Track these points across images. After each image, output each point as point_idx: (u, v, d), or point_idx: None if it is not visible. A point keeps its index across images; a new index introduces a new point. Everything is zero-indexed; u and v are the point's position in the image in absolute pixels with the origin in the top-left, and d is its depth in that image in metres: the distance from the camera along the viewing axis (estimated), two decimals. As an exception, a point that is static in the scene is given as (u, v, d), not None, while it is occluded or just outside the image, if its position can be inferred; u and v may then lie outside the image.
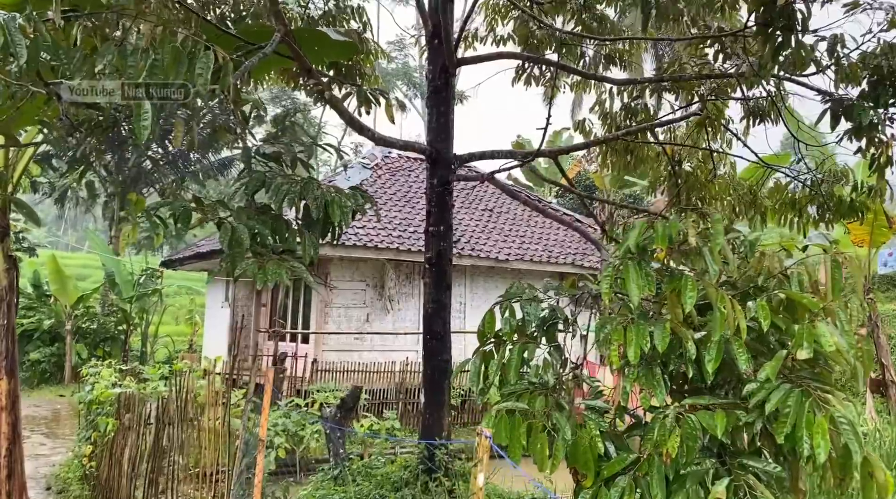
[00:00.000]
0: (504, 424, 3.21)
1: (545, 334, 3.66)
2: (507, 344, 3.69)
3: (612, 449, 3.23)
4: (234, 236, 3.01)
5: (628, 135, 6.78)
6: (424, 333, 6.91)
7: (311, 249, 3.28)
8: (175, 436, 5.62)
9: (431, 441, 6.31)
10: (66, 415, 16.41)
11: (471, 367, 3.64)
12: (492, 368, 3.50)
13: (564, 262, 17.19)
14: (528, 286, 3.89)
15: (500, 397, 3.57)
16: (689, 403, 2.94)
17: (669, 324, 2.97)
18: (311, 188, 3.26)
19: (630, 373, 3.00)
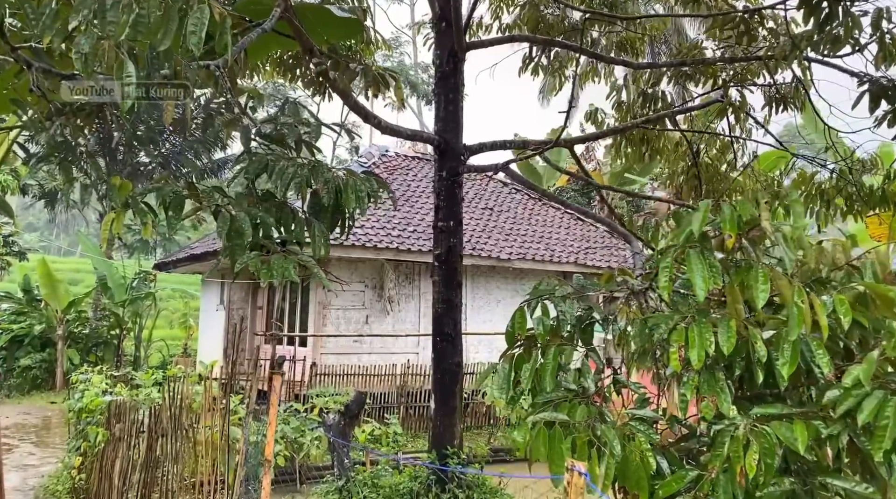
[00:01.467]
0: (543, 437, 2.83)
1: (582, 335, 3.27)
2: (540, 347, 3.31)
3: (665, 465, 2.85)
4: (233, 226, 2.62)
5: (648, 123, 6.41)
6: (434, 335, 6.52)
7: (321, 241, 2.89)
8: (169, 447, 5.21)
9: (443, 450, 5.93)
10: (57, 423, 15.94)
11: (499, 372, 3.26)
12: (524, 374, 3.11)
13: (567, 261, 16.83)
14: (559, 282, 3.50)
15: (533, 406, 3.19)
16: (759, 412, 2.56)
17: (734, 322, 2.59)
18: (320, 172, 2.86)
19: (690, 379, 2.61)
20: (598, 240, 18.49)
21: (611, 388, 3.13)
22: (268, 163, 2.84)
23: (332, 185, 2.83)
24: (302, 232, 2.88)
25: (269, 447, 4.46)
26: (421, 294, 15.81)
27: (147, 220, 2.77)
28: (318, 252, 2.87)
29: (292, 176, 2.78)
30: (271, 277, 2.71)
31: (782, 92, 6.37)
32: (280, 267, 2.69)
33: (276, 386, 4.22)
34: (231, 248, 2.77)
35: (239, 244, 2.76)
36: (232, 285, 18.46)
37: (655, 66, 6.39)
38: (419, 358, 15.31)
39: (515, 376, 3.30)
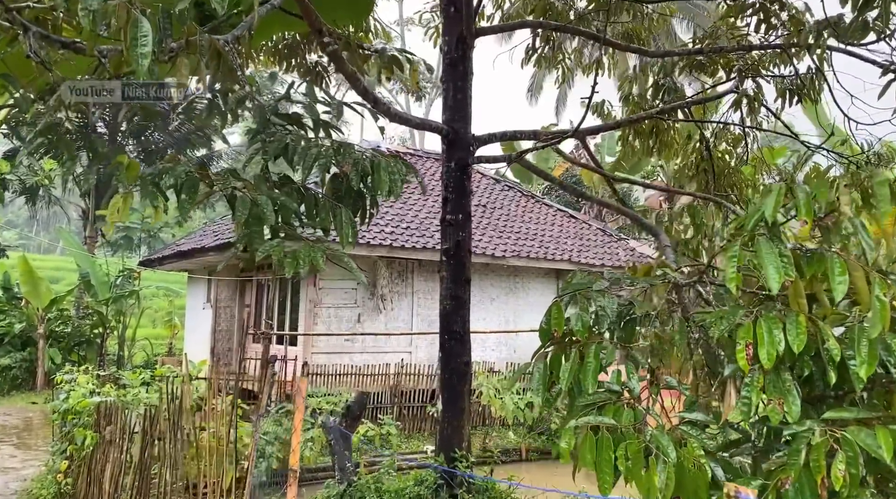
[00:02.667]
0: (590, 443, 2.59)
1: (623, 332, 3.04)
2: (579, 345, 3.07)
3: (720, 473, 2.63)
4: (253, 211, 2.35)
5: (662, 113, 6.20)
6: (441, 333, 6.27)
7: (348, 228, 2.63)
8: (167, 452, 4.92)
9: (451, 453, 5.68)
10: (39, 424, 15.51)
11: (534, 372, 3.02)
12: (563, 374, 2.88)
13: (562, 258, 16.65)
14: (591, 274, 3.27)
15: (572, 409, 2.96)
16: (832, 417, 2.34)
17: (803, 318, 2.37)
18: (348, 152, 2.59)
19: (754, 379, 2.39)
20: (592, 238, 18.34)
21: (657, 390, 2.90)
22: (287, 143, 2.56)
23: (362, 167, 2.56)
24: (328, 218, 2.61)
25: (295, 456, 4.17)
26: (414, 292, 15.56)
27: (158, 203, 2.49)
28: (345, 240, 2.61)
29: (315, 157, 2.50)
30: (297, 267, 2.45)
31: (798, 83, 6.19)
32: (307, 256, 2.41)
33: (302, 388, 3.88)
34: (249, 235, 2.50)
35: (258, 232, 2.48)
36: (219, 283, 18.09)
37: (672, 55, 6.19)
38: (412, 357, 15.07)
39: (551, 377, 3.06)
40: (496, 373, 14.62)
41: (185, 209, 2.41)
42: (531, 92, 33.67)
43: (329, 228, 2.61)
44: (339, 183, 2.71)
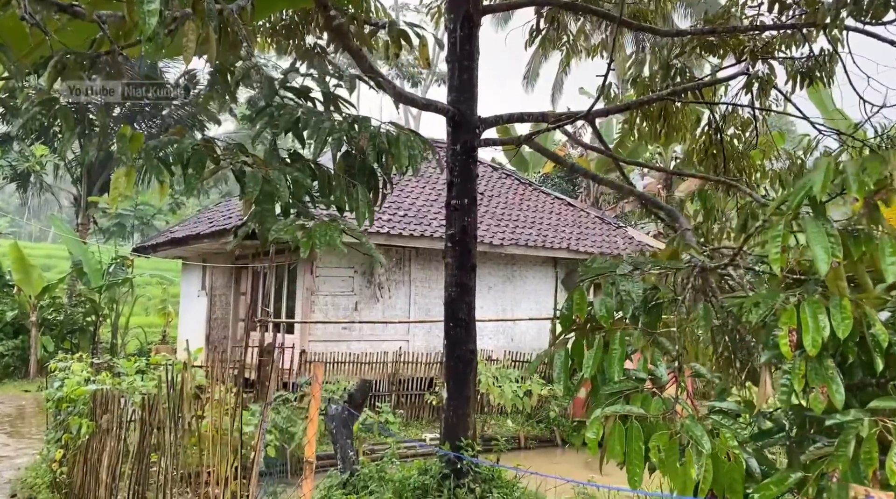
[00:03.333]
0: (619, 434, 2.47)
1: (648, 318, 2.91)
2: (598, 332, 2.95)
3: (755, 464, 2.51)
4: (264, 188, 2.19)
5: (674, 94, 6.05)
6: (446, 321, 6.14)
7: (365, 207, 2.48)
8: (166, 441, 4.78)
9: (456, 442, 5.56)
10: (32, 412, 15.35)
11: (555, 360, 2.89)
12: (586, 362, 2.75)
13: (560, 246, 16.53)
14: (613, 257, 3.14)
15: (597, 398, 2.83)
16: (878, 406, 2.22)
17: (847, 302, 2.25)
18: (364, 126, 2.43)
19: (796, 366, 2.26)
20: (590, 226, 18.23)
21: (684, 378, 2.78)
22: (299, 116, 2.40)
23: (380, 140, 2.40)
24: (343, 197, 2.45)
25: (311, 447, 4.02)
26: (411, 280, 15.43)
27: (164, 178, 2.33)
28: (361, 220, 2.45)
29: (329, 131, 2.34)
30: (313, 247, 2.30)
31: (811, 64, 6.05)
32: (324, 235, 2.25)
33: (319, 376, 3.68)
34: (261, 213, 2.34)
35: (269, 210, 2.33)
36: (214, 271, 17.91)
37: (685, 34, 6.03)
38: (410, 345, 14.96)
39: (572, 365, 2.93)
40: (494, 361, 14.53)
41: (191, 185, 2.25)
42: (527, 79, 33.38)
43: (344, 207, 2.46)
44: (352, 160, 2.55)
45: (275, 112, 2.46)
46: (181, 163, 2.27)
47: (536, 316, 16.19)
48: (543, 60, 32.50)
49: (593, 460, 11.40)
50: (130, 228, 25.80)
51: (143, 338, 23.57)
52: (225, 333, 17.31)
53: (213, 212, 18.54)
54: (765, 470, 2.52)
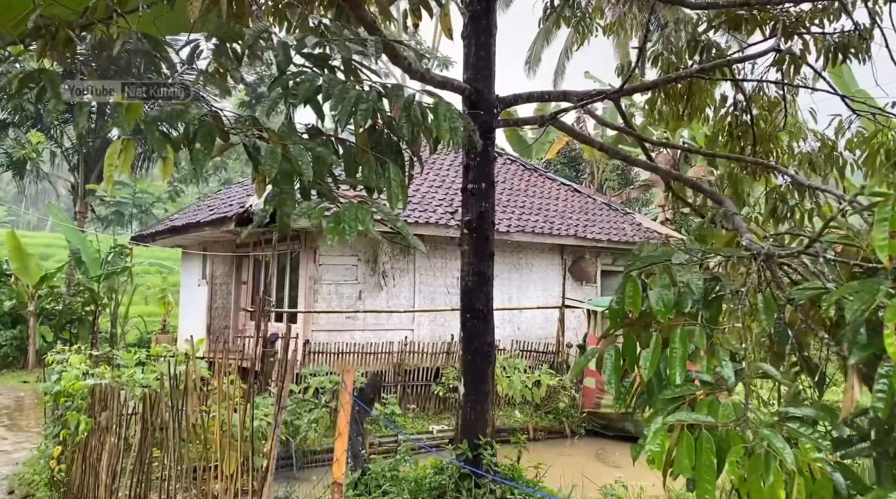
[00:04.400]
0: (688, 447, 2.17)
1: (708, 312, 2.61)
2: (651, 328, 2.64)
3: (839, 479, 2.21)
4: (283, 166, 1.87)
5: (703, 71, 5.72)
6: (463, 312, 5.83)
7: (398, 187, 2.15)
8: (170, 442, 4.48)
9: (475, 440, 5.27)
10: (30, 404, 15.08)
11: (605, 360, 2.58)
12: (644, 362, 2.44)
13: (567, 233, 16.22)
14: (664, 244, 2.83)
15: (653, 403, 2.53)
16: None
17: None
18: (396, 95, 2.10)
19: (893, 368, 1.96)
20: (597, 212, 17.91)
21: (752, 381, 2.47)
22: (320, 85, 2.08)
23: (415, 111, 2.07)
24: (371, 175, 2.12)
25: (340, 468, 3.66)
26: (416, 269, 15.12)
27: (167, 153, 2.00)
28: (395, 202, 2.13)
29: (355, 100, 2.02)
30: (340, 233, 1.98)
31: (846, 39, 5.71)
32: (354, 219, 1.93)
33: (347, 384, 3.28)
34: (279, 196, 2.01)
35: (289, 191, 2.00)
36: (215, 259, 17.60)
37: (716, 7, 5.69)
38: (414, 335, 14.68)
39: (623, 365, 2.63)
40: (501, 350, 14.26)
41: (199, 162, 1.93)
42: (529, 64, 32.92)
43: (374, 187, 2.13)
44: (378, 136, 2.22)
45: (291, 80, 2.14)
46: (186, 137, 1.95)
47: (544, 304, 15.90)
48: (546, 45, 32.08)
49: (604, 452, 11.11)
50: (129, 217, 25.45)
51: (143, 327, 23.29)
52: (226, 322, 17.02)
53: (213, 199, 18.20)
54: (850, 485, 2.23)
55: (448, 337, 14.60)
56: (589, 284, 17.19)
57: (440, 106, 2.12)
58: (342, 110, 1.98)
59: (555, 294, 16.53)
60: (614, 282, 18.14)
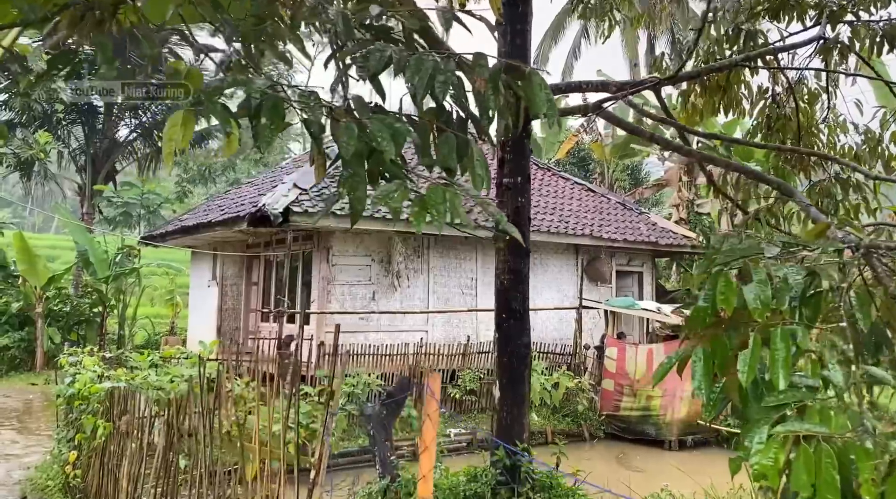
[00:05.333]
0: (805, 461, 1.93)
1: (809, 310, 2.38)
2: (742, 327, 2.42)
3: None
4: (359, 145, 1.64)
5: (747, 60, 5.49)
6: (498, 312, 5.61)
7: (482, 168, 1.92)
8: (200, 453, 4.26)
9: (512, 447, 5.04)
10: (39, 406, 14.90)
11: (695, 364, 2.35)
12: (742, 367, 2.21)
13: (582, 233, 15.99)
14: (747, 237, 2.61)
15: (749, 410, 2.30)
16: None
17: None
18: (480, 64, 1.87)
19: None
20: (612, 212, 17.67)
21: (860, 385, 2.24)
22: (391, 55, 1.86)
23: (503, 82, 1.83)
24: (451, 155, 1.89)
25: (427, 485, 3.40)
26: (430, 269, 14.91)
27: (231, 128, 1.78)
28: (479, 184, 1.90)
29: (432, 72, 1.79)
30: (432, 219, 1.74)
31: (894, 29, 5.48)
32: (442, 202, 1.70)
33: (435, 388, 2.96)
34: (351, 178, 1.78)
35: (361, 174, 1.78)
36: (225, 260, 17.41)
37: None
38: (429, 336, 14.46)
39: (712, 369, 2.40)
40: (517, 352, 14.03)
41: (266, 139, 1.71)
42: (536, 63, 32.71)
43: (454, 168, 1.89)
44: (446, 115, 1.99)
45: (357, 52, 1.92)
46: (249, 111, 1.73)
47: (560, 305, 15.67)
48: (554, 45, 31.93)
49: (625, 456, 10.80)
50: (137, 217, 25.28)
51: (151, 329, 23.12)
52: (236, 323, 16.82)
53: (224, 199, 18.02)
54: None
55: (463, 338, 14.38)
56: (604, 285, 16.96)
57: (534, 75, 1.89)
58: (418, 83, 1.75)
59: (570, 295, 16.30)
60: (629, 282, 17.89)
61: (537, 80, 1.89)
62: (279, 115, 1.74)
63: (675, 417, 12.39)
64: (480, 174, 1.88)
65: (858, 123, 6.68)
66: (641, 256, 17.83)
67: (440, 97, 1.83)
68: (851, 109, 6.30)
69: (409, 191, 1.74)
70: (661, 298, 17.81)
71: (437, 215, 1.68)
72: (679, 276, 21.82)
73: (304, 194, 12.86)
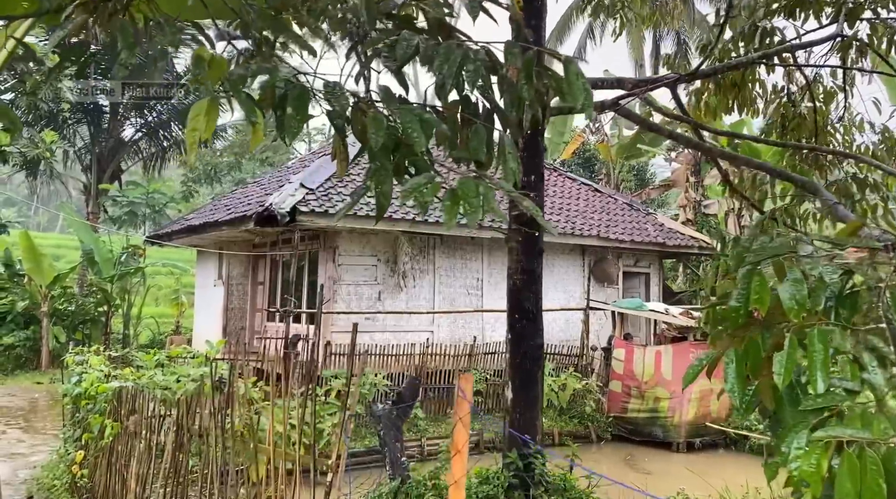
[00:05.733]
0: (850, 467, 1.86)
1: (845, 310, 2.30)
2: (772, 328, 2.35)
3: None
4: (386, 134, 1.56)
5: (765, 57, 5.41)
6: (511, 312, 5.54)
7: (513, 161, 1.85)
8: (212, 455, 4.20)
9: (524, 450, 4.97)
10: (45, 405, 14.88)
11: (728, 366, 2.28)
12: (779, 369, 2.14)
13: (589, 234, 15.90)
14: (778, 234, 2.54)
15: (784, 414, 2.23)
16: None
17: None
18: (511, 53, 1.78)
19: None
20: (619, 212, 17.58)
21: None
22: (418, 45, 1.79)
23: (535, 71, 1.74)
24: (481, 147, 1.81)
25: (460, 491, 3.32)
26: (436, 269, 14.85)
27: (256, 117, 1.70)
28: (511, 177, 1.83)
29: (461, 61, 1.72)
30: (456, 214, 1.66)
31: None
32: (475, 195, 1.61)
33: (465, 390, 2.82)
34: (378, 172, 1.71)
35: (387, 167, 1.71)
36: (231, 260, 17.37)
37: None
38: (434, 337, 14.39)
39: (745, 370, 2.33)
40: (523, 353, 13.95)
41: (292, 130, 1.64)
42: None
43: (484, 161, 1.82)
44: (472, 107, 1.91)
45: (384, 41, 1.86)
46: (272, 100, 1.65)
47: (565, 306, 15.58)
48: (559, 44, 31.82)
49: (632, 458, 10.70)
50: (142, 217, 25.26)
51: (156, 329, 23.10)
52: (242, 323, 16.77)
53: (230, 198, 17.98)
54: None
55: (468, 339, 14.31)
56: (611, 286, 16.87)
57: (571, 63, 1.81)
58: (448, 72, 1.68)
59: (576, 296, 16.23)
60: (635, 283, 17.79)
61: (574, 68, 1.82)
62: (305, 104, 1.68)
63: (683, 419, 12.31)
64: (513, 167, 1.82)
65: (875, 123, 6.60)
66: (648, 257, 17.73)
67: (470, 87, 1.76)
68: (869, 108, 6.21)
69: (439, 184, 1.67)
70: (667, 299, 17.72)
71: (470, 210, 1.61)
72: (686, 277, 21.71)
73: (310, 194, 12.81)
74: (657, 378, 12.56)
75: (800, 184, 4.38)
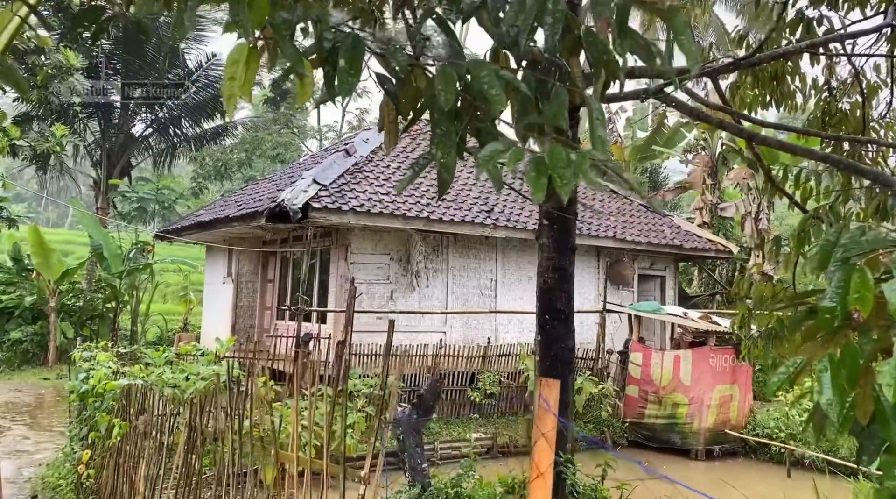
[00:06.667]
0: None
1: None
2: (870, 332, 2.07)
3: None
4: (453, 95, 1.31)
5: (813, 47, 5.14)
6: (541, 313, 5.27)
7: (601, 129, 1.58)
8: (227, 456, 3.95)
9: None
10: (51, 402, 14.68)
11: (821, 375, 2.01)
12: (890, 379, 1.86)
13: (605, 235, 15.60)
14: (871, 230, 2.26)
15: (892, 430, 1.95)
16: None
17: None
18: (600, 3, 1.52)
19: None
20: (634, 214, 17.28)
21: None
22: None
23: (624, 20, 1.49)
24: (562, 113, 1.55)
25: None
26: (449, 269, 14.58)
27: (304, 69, 1.44)
28: (598, 145, 1.57)
29: (538, 10, 1.44)
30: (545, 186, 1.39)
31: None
32: (566, 165, 1.34)
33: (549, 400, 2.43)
34: (442, 139, 1.45)
35: (448, 137, 1.44)
36: (241, 257, 17.16)
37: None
38: (447, 337, 14.12)
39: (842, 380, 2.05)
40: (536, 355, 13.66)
41: (345, 86, 1.40)
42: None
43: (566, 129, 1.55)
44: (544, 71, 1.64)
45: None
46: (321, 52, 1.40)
47: (580, 308, 15.27)
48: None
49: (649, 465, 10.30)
50: (151, 213, 25.09)
51: (164, 325, 22.93)
52: (251, 321, 16.55)
53: (241, 194, 17.77)
54: None
55: (481, 340, 14.05)
56: (626, 289, 16.56)
57: (677, 13, 1.53)
58: (523, 23, 1.42)
59: (590, 298, 15.92)
60: (651, 286, 17.46)
61: (681, 18, 1.54)
62: (360, 56, 1.42)
63: (702, 425, 12.00)
64: (601, 136, 1.55)
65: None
66: (664, 260, 17.41)
67: (549, 41, 1.49)
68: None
69: (522, 151, 1.40)
70: (682, 303, 17.38)
71: (561, 181, 1.35)
72: (700, 281, 21.37)
73: (323, 190, 12.56)
74: (675, 383, 12.26)
75: (872, 177, 4.10)
